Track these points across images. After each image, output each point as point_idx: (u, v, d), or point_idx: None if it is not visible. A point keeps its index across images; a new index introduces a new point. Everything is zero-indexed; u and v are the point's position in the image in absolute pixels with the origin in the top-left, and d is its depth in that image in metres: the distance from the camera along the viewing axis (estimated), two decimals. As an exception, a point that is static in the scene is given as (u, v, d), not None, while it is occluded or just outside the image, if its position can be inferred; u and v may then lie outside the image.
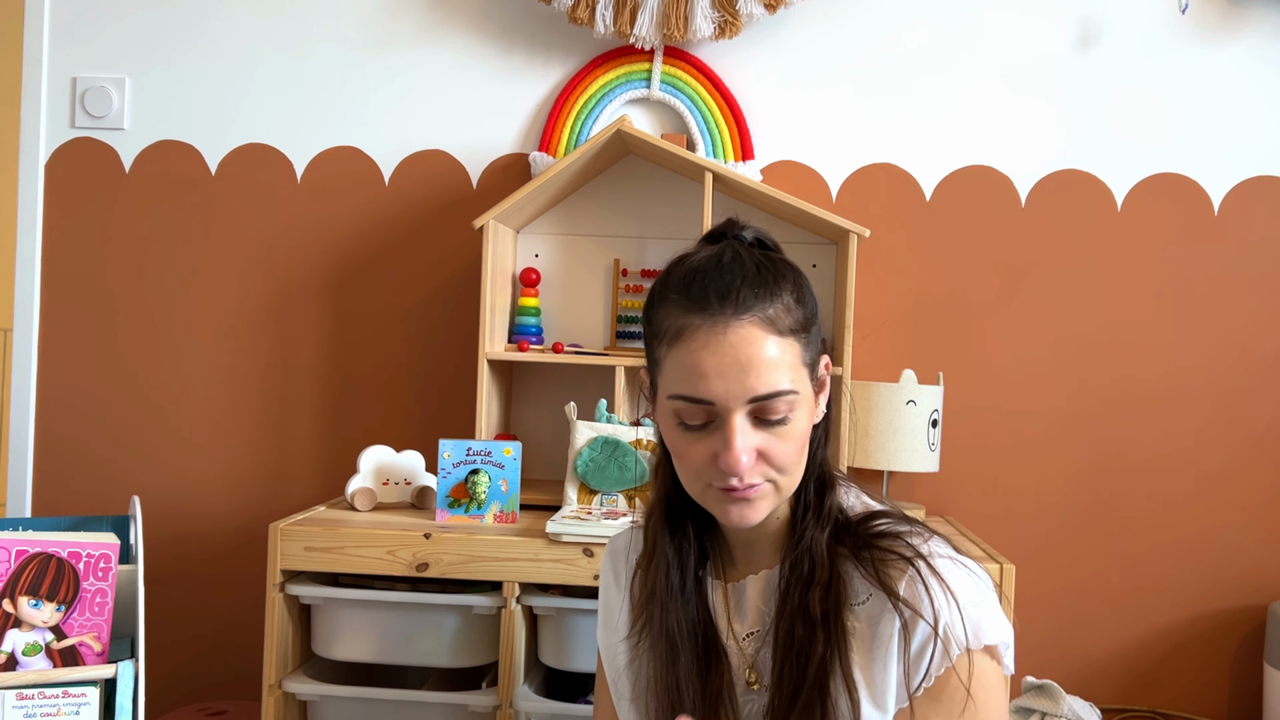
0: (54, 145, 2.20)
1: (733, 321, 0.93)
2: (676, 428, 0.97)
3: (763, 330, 0.93)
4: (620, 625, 1.11)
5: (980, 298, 2.07)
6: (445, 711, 1.65)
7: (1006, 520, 2.06)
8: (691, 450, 0.96)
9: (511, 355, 1.95)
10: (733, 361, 0.92)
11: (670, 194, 2.07)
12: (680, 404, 0.95)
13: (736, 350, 0.92)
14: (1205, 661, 2.04)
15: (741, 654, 1.03)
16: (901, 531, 1.00)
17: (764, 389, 0.93)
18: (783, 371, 0.94)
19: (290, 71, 2.17)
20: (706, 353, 0.93)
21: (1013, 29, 2.06)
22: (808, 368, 0.97)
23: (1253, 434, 2.03)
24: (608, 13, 2.01)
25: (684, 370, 0.94)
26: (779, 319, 0.94)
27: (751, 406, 0.93)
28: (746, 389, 0.92)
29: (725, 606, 1.05)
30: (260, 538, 1.80)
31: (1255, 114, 2.03)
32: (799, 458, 0.97)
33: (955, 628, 0.94)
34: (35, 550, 1.38)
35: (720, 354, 0.92)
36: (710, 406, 0.94)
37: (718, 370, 0.92)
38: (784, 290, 0.96)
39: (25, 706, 1.34)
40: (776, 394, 0.93)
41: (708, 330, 0.93)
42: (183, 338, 2.19)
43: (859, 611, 0.98)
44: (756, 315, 0.93)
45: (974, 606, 0.96)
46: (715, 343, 0.93)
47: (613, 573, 1.16)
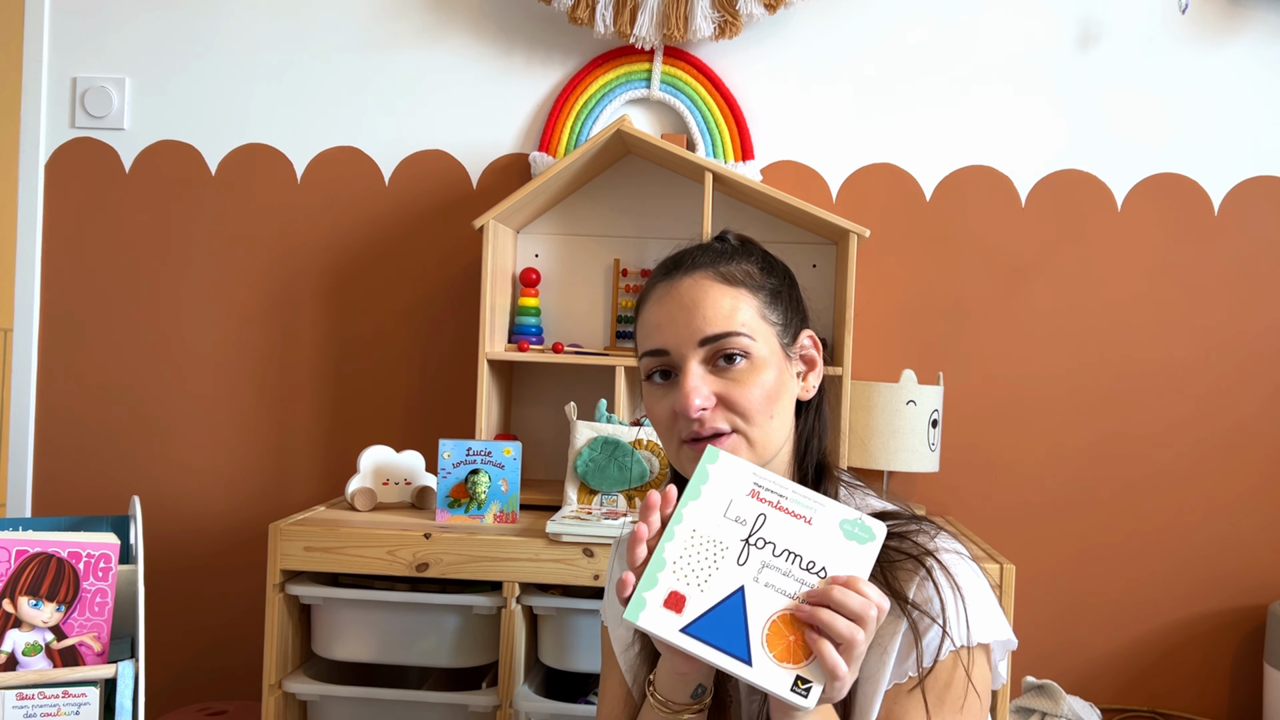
0: (54, 145, 2.20)
1: (684, 277, 1.00)
2: (648, 392, 1.02)
3: (712, 279, 0.99)
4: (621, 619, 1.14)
5: (980, 298, 2.07)
6: (445, 711, 1.65)
7: (1006, 520, 2.06)
8: (659, 407, 1.00)
9: (511, 355, 1.95)
10: (679, 307, 0.99)
11: (670, 194, 2.07)
12: (644, 361, 1.01)
13: (683, 297, 0.99)
14: (1205, 661, 2.04)
15: None
16: (909, 531, 1.01)
17: (710, 329, 0.97)
18: (735, 314, 0.98)
19: (290, 71, 2.17)
20: (658, 305, 1.00)
21: (1013, 29, 2.06)
22: (774, 326, 1.01)
23: (1253, 434, 2.03)
24: (608, 13, 2.01)
25: (644, 328, 1.02)
26: (732, 273, 1.00)
27: (704, 350, 0.97)
28: (694, 330, 0.97)
29: None
30: (260, 537, 1.80)
31: (1255, 114, 2.03)
32: (766, 409, 0.98)
33: (957, 624, 0.96)
34: (35, 550, 1.38)
35: (671, 301, 0.99)
36: (666, 356, 0.99)
37: (669, 317, 0.99)
38: (745, 260, 1.02)
39: (25, 706, 1.34)
40: (726, 334, 0.97)
41: (662, 288, 1.01)
42: (183, 337, 2.19)
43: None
44: (708, 269, 1.00)
45: (978, 605, 0.98)
46: (665, 295, 1.00)
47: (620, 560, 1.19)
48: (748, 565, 0.87)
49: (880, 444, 1.90)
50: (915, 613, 0.96)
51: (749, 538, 0.87)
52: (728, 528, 0.87)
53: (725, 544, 0.87)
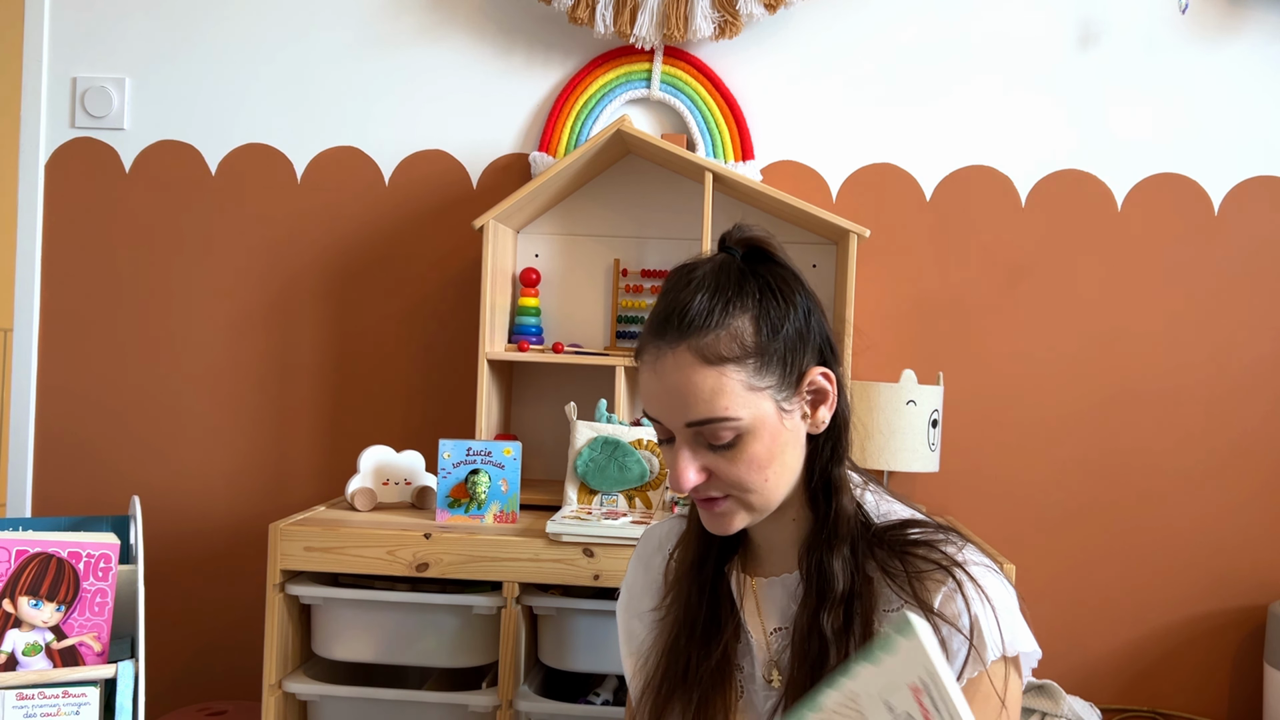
0: (54, 145, 2.20)
1: (669, 350, 0.96)
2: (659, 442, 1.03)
3: (694, 359, 0.95)
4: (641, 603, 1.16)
5: (980, 298, 2.07)
6: (445, 711, 1.65)
7: (1006, 520, 2.06)
8: (666, 459, 1.01)
9: (511, 355, 1.95)
10: (664, 390, 0.97)
11: (670, 194, 2.07)
12: (647, 418, 1.02)
13: (669, 378, 0.96)
14: (1205, 661, 2.04)
15: (768, 649, 1.05)
16: (937, 540, 1.00)
17: (693, 416, 0.96)
18: (716, 399, 0.95)
19: (290, 71, 2.17)
20: (650, 377, 0.99)
21: (1013, 29, 2.06)
22: (766, 390, 0.96)
23: (1253, 433, 2.03)
24: (608, 13, 2.01)
25: (642, 389, 1.01)
26: (714, 347, 0.95)
27: (692, 431, 0.97)
28: (680, 416, 0.97)
29: (754, 601, 1.07)
30: (260, 537, 1.79)
31: (1255, 114, 2.03)
32: (758, 477, 0.98)
33: (990, 635, 0.95)
34: (35, 550, 1.38)
35: (655, 381, 0.98)
36: (661, 425, 0.99)
37: (657, 395, 0.98)
38: (736, 315, 0.96)
39: (25, 706, 1.34)
40: (710, 420, 0.95)
41: (654, 355, 0.98)
42: (183, 337, 2.19)
43: (891, 618, 0.98)
44: (693, 343, 0.95)
45: (1008, 616, 0.98)
46: (657, 369, 0.98)
47: (643, 559, 1.19)
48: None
49: (880, 444, 1.90)
50: (946, 627, 0.95)
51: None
52: (879, 711, 0.82)
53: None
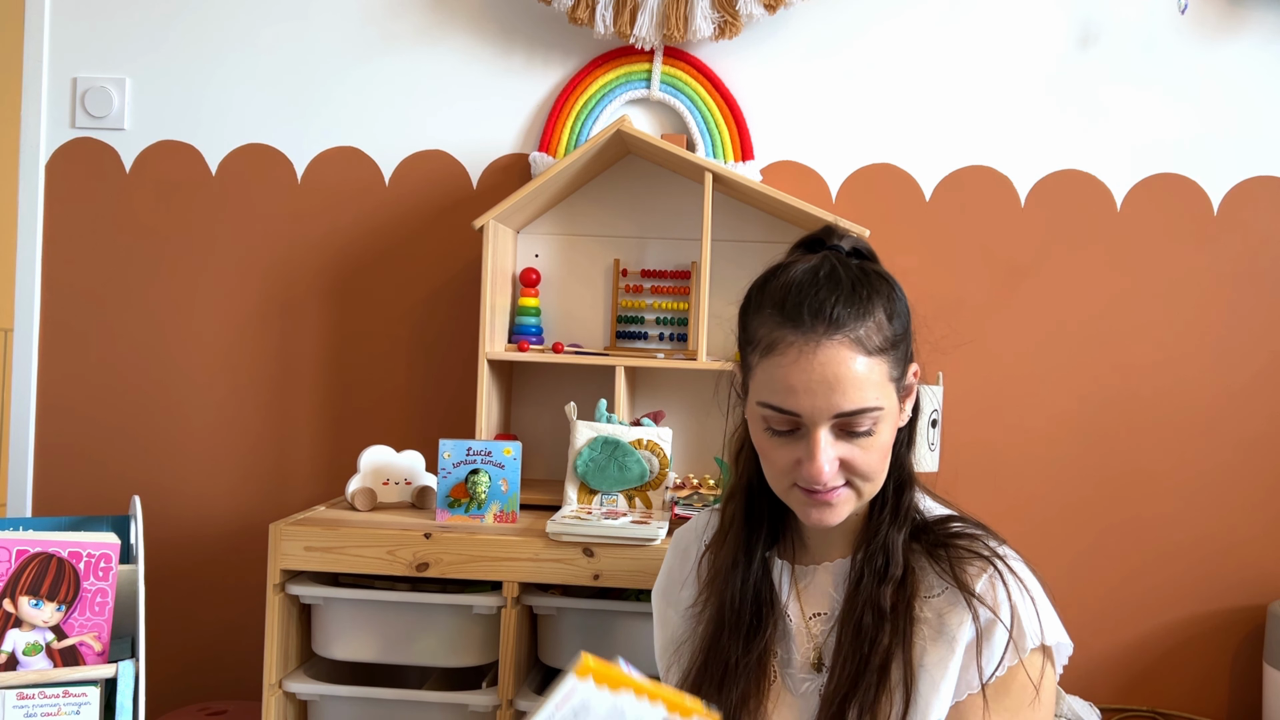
0: (54, 145, 2.20)
1: (824, 340, 0.97)
2: (764, 431, 1.02)
3: (852, 350, 0.97)
4: (680, 596, 1.16)
5: (980, 298, 2.07)
6: (445, 711, 1.65)
7: (1006, 520, 2.04)
8: (777, 454, 1.01)
9: (511, 355, 1.95)
10: (821, 379, 0.96)
11: (670, 194, 2.07)
12: (768, 412, 1.00)
13: (825, 369, 0.96)
14: (1205, 661, 2.04)
15: (809, 634, 1.07)
16: (979, 534, 1.06)
17: (849, 406, 0.97)
18: (869, 389, 0.98)
19: (290, 71, 2.17)
20: (796, 369, 0.97)
21: (1013, 29, 2.06)
22: (894, 382, 1.01)
23: (1253, 433, 2.03)
24: (608, 13, 2.01)
25: (774, 382, 0.99)
26: (869, 338, 0.98)
27: (836, 421, 0.98)
28: (832, 405, 0.97)
29: (795, 588, 1.09)
30: (260, 537, 1.79)
31: (1255, 114, 2.03)
32: (882, 466, 1.02)
33: (1030, 624, 1.00)
34: (36, 550, 1.38)
35: (809, 371, 0.97)
36: (796, 418, 0.98)
37: (806, 387, 0.97)
38: (877, 307, 1.00)
39: (26, 706, 1.34)
40: (861, 411, 0.97)
41: (799, 347, 0.97)
42: (183, 338, 2.19)
43: (932, 603, 1.03)
44: (847, 334, 0.97)
45: (1045, 608, 1.03)
46: (805, 360, 0.97)
47: (680, 549, 1.21)
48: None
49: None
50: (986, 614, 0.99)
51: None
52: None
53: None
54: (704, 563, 1.14)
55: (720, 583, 1.10)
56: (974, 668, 0.99)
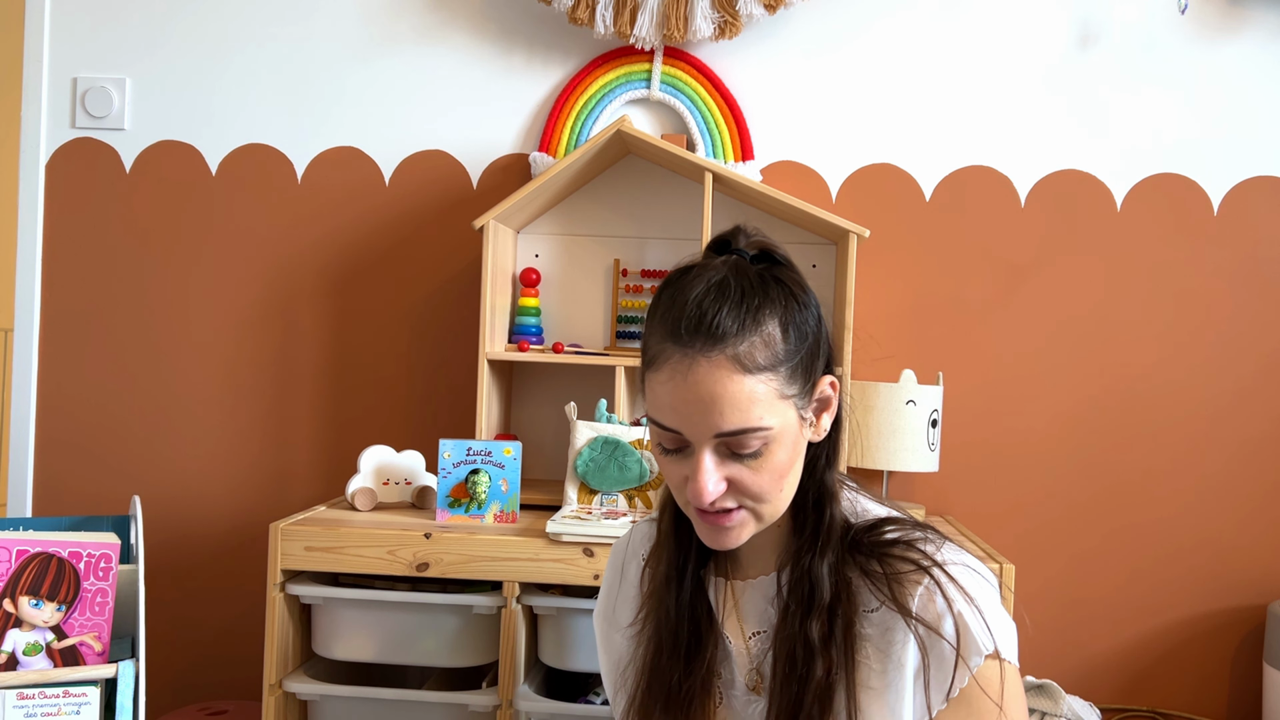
0: (54, 145, 2.20)
1: (700, 358, 0.91)
2: (657, 448, 0.97)
3: (731, 368, 0.90)
4: (619, 616, 1.12)
5: (980, 298, 2.07)
6: (445, 711, 1.65)
7: (1006, 520, 2.06)
8: (670, 470, 0.97)
9: (511, 355, 1.95)
10: (695, 399, 0.91)
11: (670, 194, 2.07)
12: (655, 428, 0.95)
13: (700, 388, 0.91)
14: (1205, 661, 2.04)
15: (747, 653, 1.03)
16: (914, 539, 0.98)
17: (728, 426, 0.91)
18: (753, 408, 0.91)
19: (291, 71, 2.17)
20: (672, 386, 0.92)
21: (1013, 29, 2.06)
22: (791, 398, 0.94)
23: (1252, 433, 2.03)
24: (608, 13, 2.01)
25: (656, 399, 0.94)
26: (752, 355, 0.91)
27: (718, 441, 0.92)
28: (710, 426, 0.91)
29: (733, 604, 1.05)
30: (261, 538, 1.80)
31: (1255, 114, 2.03)
32: (776, 486, 0.95)
33: (978, 635, 0.94)
34: (36, 550, 1.38)
35: (685, 390, 0.91)
36: (680, 436, 0.93)
37: (683, 405, 0.92)
38: (767, 320, 0.93)
39: (26, 706, 1.34)
40: (743, 431, 0.91)
41: (675, 363, 0.92)
42: (183, 338, 2.19)
43: (871, 618, 0.97)
44: (726, 352, 0.91)
45: (992, 614, 0.96)
46: (679, 378, 0.91)
47: (618, 567, 1.16)
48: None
49: (880, 444, 1.90)
50: (929, 634, 0.93)
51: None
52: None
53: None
54: (644, 578, 1.09)
55: (655, 601, 1.05)
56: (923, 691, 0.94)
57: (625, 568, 1.15)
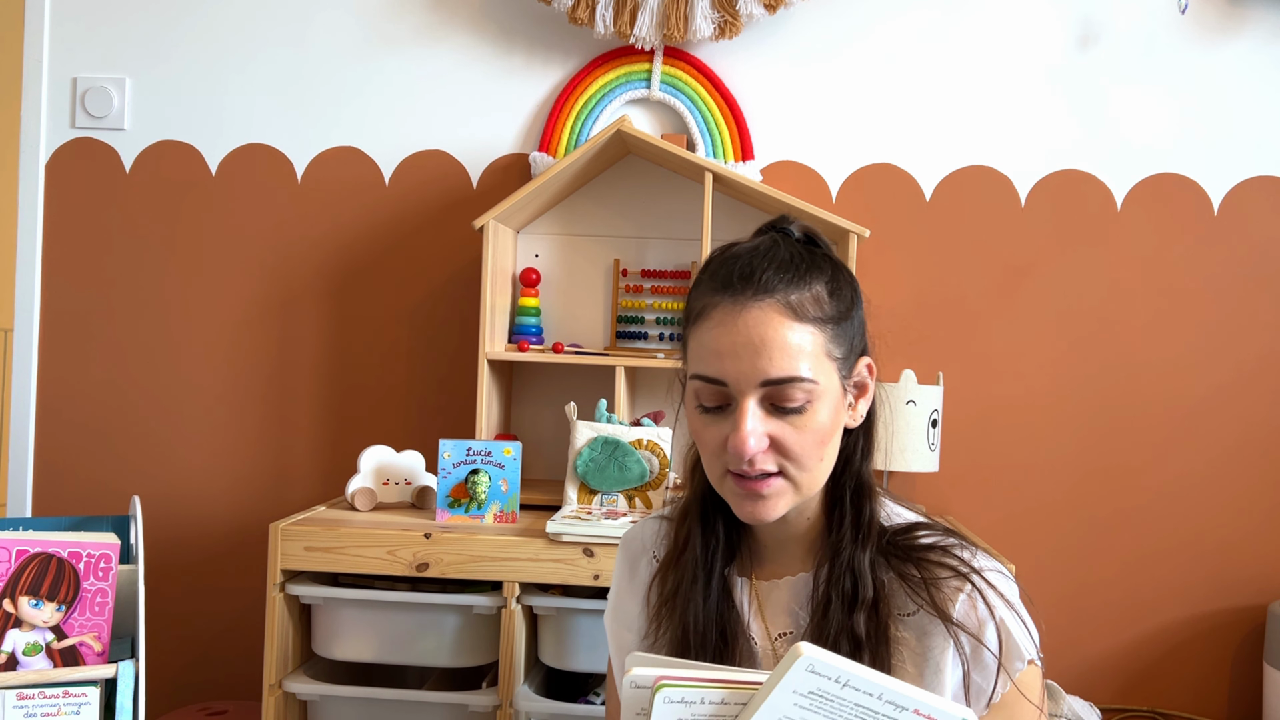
0: (54, 145, 2.20)
1: (751, 302, 0.91)
2: (696, 410, 0.96)
3: (781, 314, 0.91)
4: (635, 622, 1.09)
5: (980, 298, 2.07)
6: (445, 711, 1.65)
7: (1006, 520, 2.06)
8: (708, 433, 0.95)
9: (511, 355, 1.95)
10: (746, 341, 0.91)
11: (670, 194, 2.07)
12: (698, 384, 0.94)
13: (751, 330, 0.91)
14: (1205, 661, 2.04)
15: (773, 655, 1.01)
16: (950, 545, 0.98)
17: (776, 373, 0.91)
18: (800, 359, 0.91)
19: (290, 71, 2.17)
20: (721, 330, 0.92)
21: (1013, 29, 2.06)
22: (836, 361, 0.95)
23: (1252, 433, 2.03)
24: (608, 13, 2.01)
25: (702, 349, 0.94)
26: (803, 306, 0.92)
27: (764, 391, 0.91)
28: (758, 371, 0.91)
29: (757, 605, 1.03)
30: (260, 538, 1.80)
31: (1255, 114, 2.03)
32: (817, 452, 0.94)
33: (1020, 644, 0.94)
34: (36, 550, 1.37)
35: (735, 332, 0.91)
36: (724, 388, 0.92)
37: (731, 349, 0.91)
38: (815, 280, 0.94)
39: (25, 706, 1.34)
40: (790, 379, 0.91)
41: (726, 308, 0.92)
42: (183, 338, 2.19)
43: (907, 622, 0.96)
44: (777, 298, 0.92)
45: (1027, 619, 0.97)
46: (731, 321, 0.92)
47: (629, 565, 1.13)
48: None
49: (880, 444, 1.89)
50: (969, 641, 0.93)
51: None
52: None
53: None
54: (656, 580, 1.07)
55: (680, 604, 1.02)
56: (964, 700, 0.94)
57: (636, 564, 1.12)
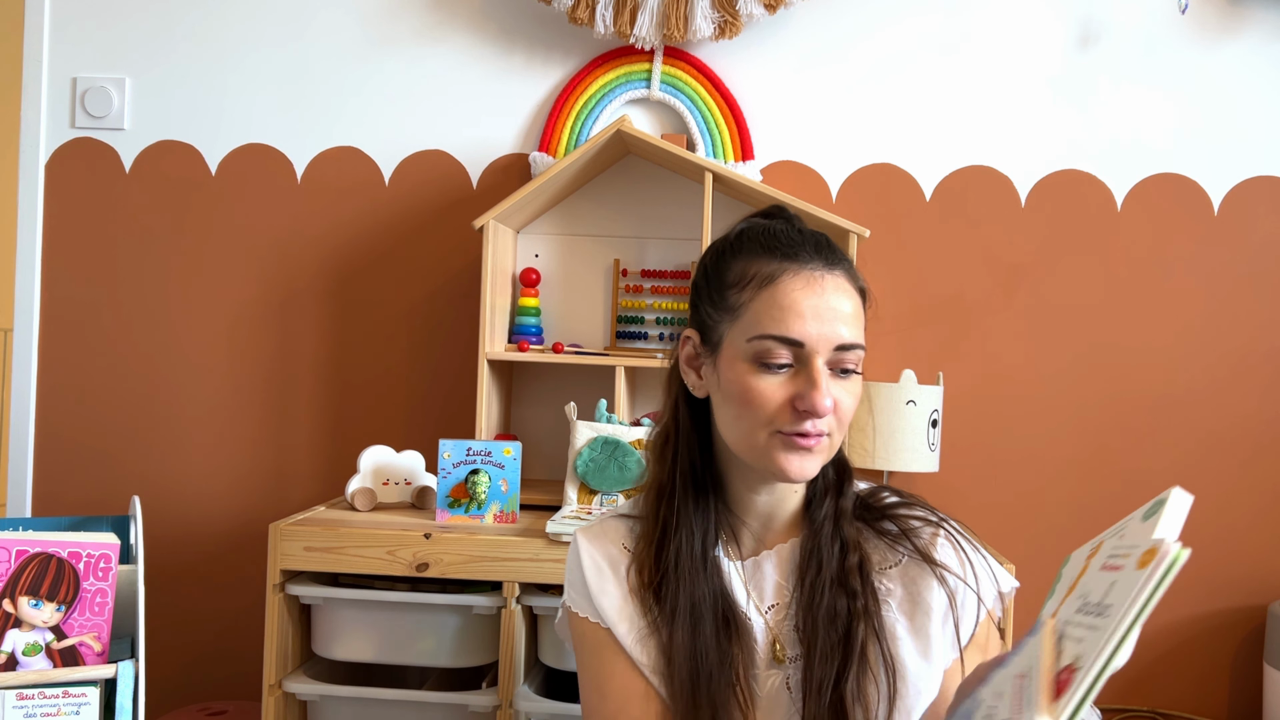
0: (54, 145, 2.20)
1: (826, 273, 1.00)
2: (755, 369, 0.99)
3: (851, 285, 1.01)
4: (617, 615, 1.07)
5: (980, 298, 2.07)
6: (445, 711, 1.65)
7: (1006, 520, 2.06)
8: (771, 392, 0.99)
9: (511, 355, 1.95)
10: (829, 307, 0.98)
11: (670, 194, 2.07)
12: (769, 343, 0.98)
13: (832, 297, 0.99)
14: (1205, 661, 2.04)
15: (766, 628, 1.04)
16: (914, 501, 1.10)
17: (849, 338, 0.99)
18: (860, 327, 1.01)
19: (290, 71, 2.17)
20: (806, 293, 0.98)
21: (1013, 28, 2.06)
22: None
23: (1252, 433, 2.03)
24: (608, 13, 2.01)
25: (779, 310, 0.98)
26: (858, 281, 1.03)
27: (833, 355, 0.99)
28: (837, 334, 0.98)
29: (743, 583, 1.07)
30: (260, 538, 1.80)
31: (1255, 114, 2.03)
32: (851, 418, 1.02)
33: (988, 578, 1.05)
34: (35, 550, 1.38)
35: (818, 297, 0.98)
36: (799, 349, 0.98)
37: (814, 312, 0.98)
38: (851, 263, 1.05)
39: (25, 706, 1.34)
40: (855, 346, 0.99)
41: (808, 275, 0.99)
42: (183, 338, 2.19)
43: (891, 574, 1.05)
44: (845, 271, 1.01)
45: (990, 559, 1.08)
46: (816, 286, 0.99)
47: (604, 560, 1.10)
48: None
49: (880, 444, 1.90)
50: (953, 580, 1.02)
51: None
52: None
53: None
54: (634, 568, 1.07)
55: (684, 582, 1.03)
56: (949, 634, 1.02)
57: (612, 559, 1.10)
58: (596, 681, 1.08)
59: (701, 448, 1.08)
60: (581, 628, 1.10)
